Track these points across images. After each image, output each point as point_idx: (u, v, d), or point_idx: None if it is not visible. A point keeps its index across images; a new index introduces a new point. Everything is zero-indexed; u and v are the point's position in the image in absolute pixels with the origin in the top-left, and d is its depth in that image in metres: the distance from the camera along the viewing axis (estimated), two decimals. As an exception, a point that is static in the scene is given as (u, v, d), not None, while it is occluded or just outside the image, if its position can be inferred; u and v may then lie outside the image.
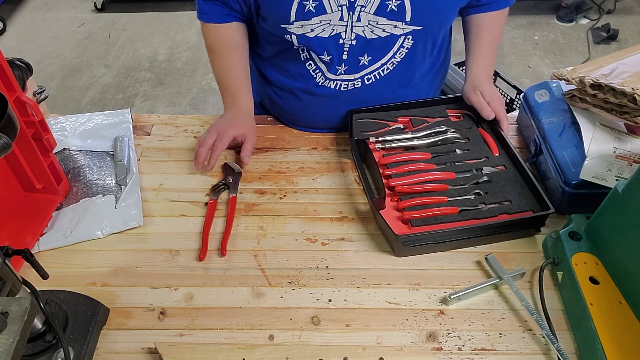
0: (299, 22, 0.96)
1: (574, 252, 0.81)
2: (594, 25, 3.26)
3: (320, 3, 0.94)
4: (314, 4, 0.93)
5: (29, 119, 0.87)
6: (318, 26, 0.97)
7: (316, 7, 0.94)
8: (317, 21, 0.96)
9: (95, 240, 0.91)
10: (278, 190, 1.01)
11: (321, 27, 0.97)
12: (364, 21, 0.96)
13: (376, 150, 1.02)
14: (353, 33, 0.98)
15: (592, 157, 0.87)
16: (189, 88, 2.92)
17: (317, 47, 1.00)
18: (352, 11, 0.95)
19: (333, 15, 0.96)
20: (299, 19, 0.96)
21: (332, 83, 1.06)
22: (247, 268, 0.87)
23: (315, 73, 1.05)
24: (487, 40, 1.11)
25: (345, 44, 0.99)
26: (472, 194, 0.93)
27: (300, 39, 0.99)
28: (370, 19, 0.96)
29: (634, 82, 0.86)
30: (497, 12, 1.10)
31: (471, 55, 1.12)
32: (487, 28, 1.11)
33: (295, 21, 0.96)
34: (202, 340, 0.77)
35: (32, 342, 0.69)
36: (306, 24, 0.96)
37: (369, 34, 0.98)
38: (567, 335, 0.78)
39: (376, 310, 0.81)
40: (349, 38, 0.99)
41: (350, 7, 0.95)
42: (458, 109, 1.10)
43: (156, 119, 1.18)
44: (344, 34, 0.98)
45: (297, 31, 0.98)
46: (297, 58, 1.04)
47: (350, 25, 0.97)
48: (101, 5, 3.56)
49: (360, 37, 0.98)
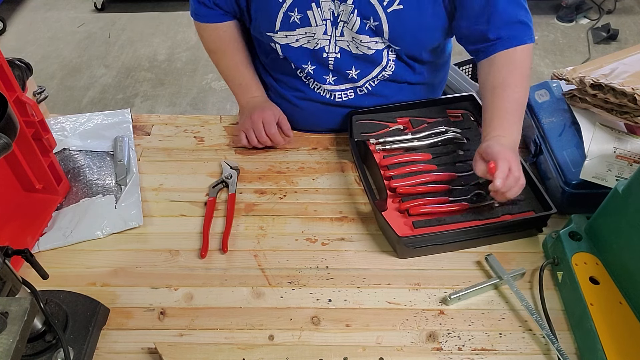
0: (283, 32, 0.97)
1: (574, 252, 0.81)
2: (594, 25, 3.26)
3: (305, 16, 0.94)
4: (299, 15, 0.94)
5: (29, 119, 0.87)
6: (303, 37, 0.98)
7: (301, 19, 0.95)
8: (302, 32, 0.96)
9: (95, 240, 0.91)
10: (278, 190, 1.01)
11: (306, 38, 0.98)
12: (348, 36, 0.97)
13: (377, 151, 1.02)
14: (337, 47, 0.99)
15: (592, 157, 0.87)
16: (189, 88, 2.92)
17: (301, 57, 1.01)
18: (336, 26, 0.96)
19: (317, 29, 0.96)
20: (283, 29, 0.97)
21: (327, 93, 1.06)
22: (247, 268, 0.87)
23: (307, 80, 1.06)
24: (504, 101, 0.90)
25: (329, 57, 1.00)
26: (473, 195, 0.93)
27: (284, 49, 1.00)
28: (354, 36, 0.96)
29: (634, 82, 0.86)
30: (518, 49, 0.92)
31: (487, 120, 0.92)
32: (502, 85, 0.91)
33: (280, 30, 0.97)
34: (202, 340, 0.77)
35: (32, 342, 0.69)
36: (290, 34, 0.97)
37: (354, 49, 0.99)
38: (567, 335, 0.78)
39: (376, 310, 0.81)
40: (333, 51, 0.99)
41: (334, 21, 0.95)
42: (457, 109, 1.10)
43: (156, 119, 1.18)
44: (327, 47, 0.99)
45: (281, 41, 0.98)
46: (289, 66, 1.05)
47: (334, 39, 0.97)
48: (101, 5, 3.56)
49: (345, 51, 0.99)
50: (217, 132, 1.14)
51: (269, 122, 1.05)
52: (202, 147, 1.10)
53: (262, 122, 1.05)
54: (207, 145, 1.11)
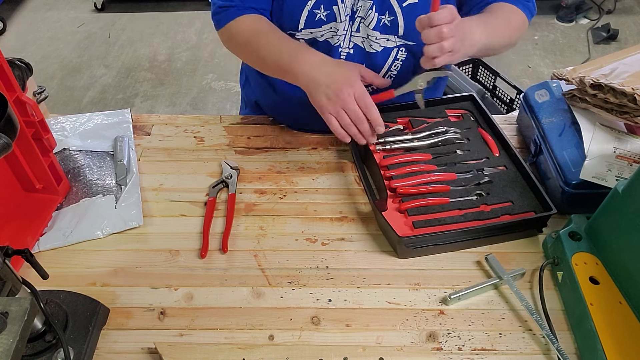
0: (309, 30, 0.97)
1: (574, 252, 0.81)
2: (594, 25, 3.26)
3: (331, 12, 0.94)
4: (325, 12, 0.94)
5: (29, 119, 0.87)
6: (328, 31, 0.97)
7: (327, 16, 0.95)
8: (327, 28, 0.96)
9: (95, 240, 0.91)
10: (278, 190, 1.01)
11: (330, 33, 0.98)
12: (363, 33, 0.97)
13: (377, 151, 1.02)
14: (352, 42, 0.98)
15: (592, 157, 0.87)
16: (189, 88, 2.92)
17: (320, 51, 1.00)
18: (353, 21, 0.96)
19: (340, 25, 0.97)
20: (308, 27, 0.96)
21: None
22: (247, 268, 0.87)
23: None
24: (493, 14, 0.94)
25: (342, 52, 1.00)
26: (474, 195, 0.93)
27: (308, 42, 1.00)
28: (370, 33, 0.96)
29: (634, 82, 0.86)
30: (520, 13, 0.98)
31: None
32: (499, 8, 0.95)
33: (304, 29, 0.96)
34: (202, 340, 0.77)
35: (32, 342, 0.69)
36: (315, 30, 0.97)
37: (367, 47, 0.99)
38: (567, 335, 0.78)
39: (376, 310, 0.81)
40: (347, 47, 0.99)
41: (351, 17, 0.95)
42: (457, 109, 1.10)
43: (156, 119, 1.18)
44: (342, 43, 0.99)
45: (305, 37, 0.98)
46: None
47: (350, 34, 0.97)
48: (101, 5, 3.56)
49: (359, 47, 0.99)
50: (217, 132, 1.14)
51: (361, 95, 0.84)
52: (202, 147, 1.10)
53: (355, 97, 0.84)
54: (207, 145, 1.11)
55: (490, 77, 2.25)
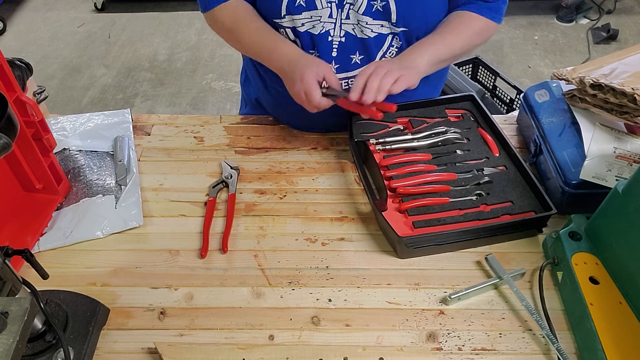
0: (290, 16, 0.97)
1: (574, 252, 0.81)
2: (594, 25, 3.26)
3: None
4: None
5: (29, 119, 0.87)
6: (308, 21, 0.97)
7: (306, 2, 0.95)
8: (307, 16, 0.96)
9: (95, 240, 0.91)
10: (278, 190, 1.01)
11: (311, 22, 0.98)
12: (353, 19, 0.97)
13: (377, 151, 1.02)
14: (342, 30, 0.98)
15: (592, 157, 0.87)
16: (189, 88, 2.92)
17: (307, 43, 1.00)
18: (341, 8, 0.96)
19: (323, 12, 0.97)
20: (289, 13, 0.96)
21: None
22: (247, 268, 0.87)
23: None
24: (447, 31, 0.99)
25: (334, 41, 1.00)
26: (474, 195, 0.93)
27: (293, 32, 0.99)
28: (360, 19, 0.96)
29: (634, 82, 0.86)
30: (481, 18, 1.02)
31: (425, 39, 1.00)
32: (459, 23, 1.01)
33: (286, 15, 0.97)
34: (202, 340, 0.77)
35: (32, 342, 0.69)
36: (296, 17, 0.97)
37: (359, 33, 0.99)
38: (567, 335, 0.78)
39: (376, 310, 0.81)
40: (338, 35, 0.99)
41: (340, 4, 0.95)
42: (457, 109, 1.10)
43: (156, 119, 1.18)
44: (332, 31, 0.99)
45: (288, 24, 0.98)
46: None
47: (340, 22, 0.97)
48: (101, 5, 3.56)
49: (350, 35, 0.99)
50: (217, 132, 1.14)
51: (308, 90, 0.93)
52: (202, 147, 1.10)
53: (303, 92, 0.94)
54: (207, 145, 1.11)
55: (490, 77, 2.25)
